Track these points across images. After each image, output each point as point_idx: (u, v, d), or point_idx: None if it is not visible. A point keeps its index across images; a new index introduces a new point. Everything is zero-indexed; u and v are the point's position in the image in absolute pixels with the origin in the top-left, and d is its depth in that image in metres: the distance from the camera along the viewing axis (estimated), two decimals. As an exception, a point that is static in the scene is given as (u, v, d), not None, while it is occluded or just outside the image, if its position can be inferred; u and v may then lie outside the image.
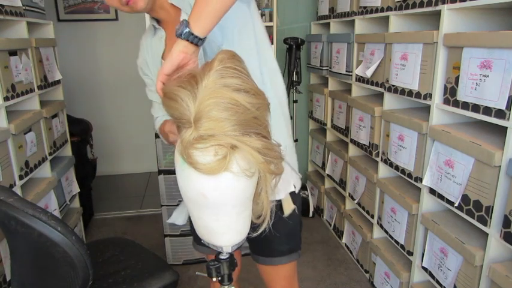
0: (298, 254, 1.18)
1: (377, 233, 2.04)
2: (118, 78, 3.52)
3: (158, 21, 1.05)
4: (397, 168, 1.76)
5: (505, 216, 1.19)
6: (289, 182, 1.09)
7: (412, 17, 1.72)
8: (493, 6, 1.27)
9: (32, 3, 1.99)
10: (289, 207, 1.08)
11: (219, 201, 0.71)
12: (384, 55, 1.81)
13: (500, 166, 1.19)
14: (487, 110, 1.23)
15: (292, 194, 1.10)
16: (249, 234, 0.83)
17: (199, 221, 0.77)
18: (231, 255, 0.84)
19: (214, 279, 0.86)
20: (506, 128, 1.17)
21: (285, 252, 1.15)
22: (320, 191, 2.82)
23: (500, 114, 1.18)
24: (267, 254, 1.15)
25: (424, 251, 1.60)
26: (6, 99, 1.58)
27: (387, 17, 1.78)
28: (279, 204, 1.07)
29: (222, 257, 0.84)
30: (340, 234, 2.52)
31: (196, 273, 1.01)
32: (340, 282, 2.15)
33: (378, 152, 1.93)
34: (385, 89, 1.80)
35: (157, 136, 2.05)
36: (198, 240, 1.23)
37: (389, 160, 1.82)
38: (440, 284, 1.50)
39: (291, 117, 2.81)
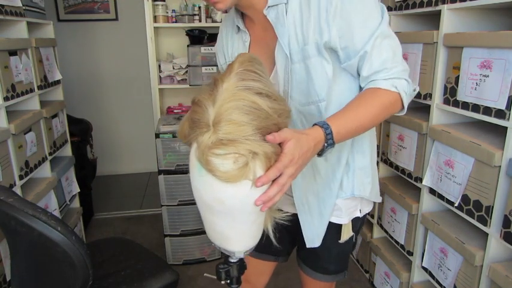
0: (344, 274, 1.14)
1: (377, 233, 2.04)
2: (118, 78, 3.52)
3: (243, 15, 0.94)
4: (397, 168, 1.76)
5: (505, 216, 1.19)
6: (355, 207, 1.01)
7: (412, 17, 1.72)
8: (493, 6, 1.27)
9: (32, 3, 1.99)
10: (347, 234, 1.02)
11: (235, 208, 0.69)
12: (383, 55, 1.81)
13: (500, 166, 1.19)
14: (487, 110, 1.23)
15: (355, 219, 1.03)
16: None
17: (213, 225, 0.75)
18: (241, 258, 0.83)
19: (223, 282, 0.84)
20: (506, 128, 1.17)
21: (331, 271, 1.10)
22: (320, 191, 2.81)
23: (500, 114, 1.18)
24: (312, 266, 1.10)
25: (424, 251, 1.60)
26: (6, 99, 1.58)
27: (387, 17, 1.77)
28: (338, 226, 1.01)
29: (232, 260, 0.83)
30: (340, 234, 2.52)
31: (205, 274, 1.00)
32: (340, 282, 2.13)
33: (378, 152, 1.93)
34: (385, 89, 1.80)
35: (157, 136, 2.05)
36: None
37: (389, 160, 1.82)
38: (440, 284, 1.50)
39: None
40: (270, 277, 1.30)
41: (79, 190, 2.40)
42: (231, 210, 0.70)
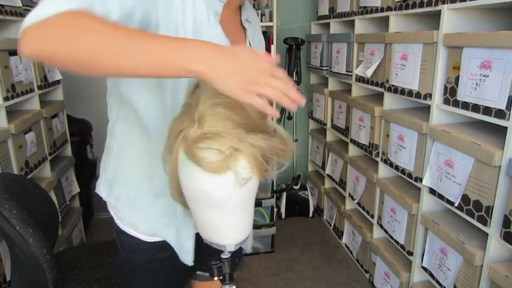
0: None
1: (377, 233, 2.04)
2: (118, 78, 3.51)
3: None
4: (397, 168, 1.76)
5: (505, 216, 1.19)
6: None
7: (412, 17, 1.72)
8: (493, 6, 1.27)
9: (32, 3, 1.99)
10: None
11: (222, 200, 0.71)
12: (384, 55, 1.81)
13: (500, 166, 1.19)
14: (487, 110, 1.23)
15: None
16: None
17: (203, 219, 0.77)
18: (233, 254, 0.84)
19: (215, 278, 0.85)
20: (506, 128, 1.17)
21: None
22: (320, 191, 2.82)
23: (500, 114, 1.18)
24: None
25: (424, 251, 1.60)
26: (6, 99, 1.58)
27: (387, 17, 1.78)
28: None
29: (224, 256, 0.84)
30: (340, 234, 2.52)
31: (197, 272, 1.00)
32: (340, 282, 2.15)
33: (378, 152, 1.93)
34: (385, 89, 1.80)
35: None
36: None
37: (389, 160, 1.82)
38: (440, 284, 1.50)
39: (291, 118, 2.81)
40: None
41: (79, 190, 2.40)
42: (217, 202, 0.71)
